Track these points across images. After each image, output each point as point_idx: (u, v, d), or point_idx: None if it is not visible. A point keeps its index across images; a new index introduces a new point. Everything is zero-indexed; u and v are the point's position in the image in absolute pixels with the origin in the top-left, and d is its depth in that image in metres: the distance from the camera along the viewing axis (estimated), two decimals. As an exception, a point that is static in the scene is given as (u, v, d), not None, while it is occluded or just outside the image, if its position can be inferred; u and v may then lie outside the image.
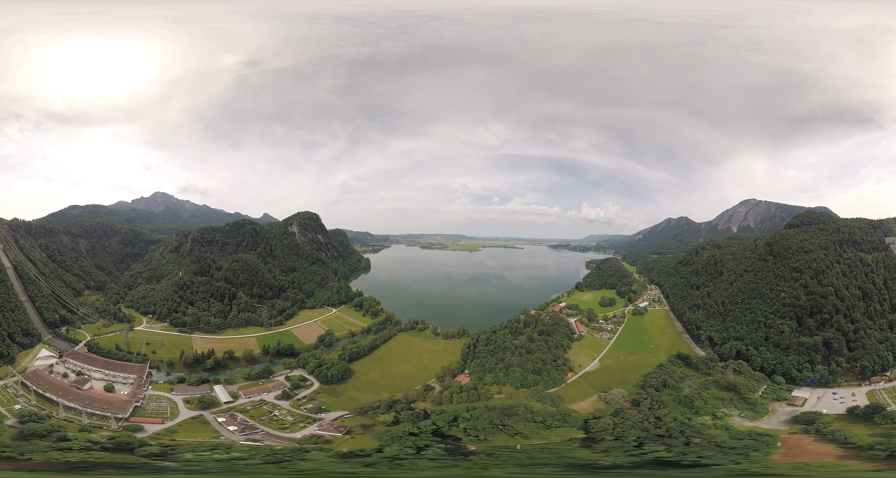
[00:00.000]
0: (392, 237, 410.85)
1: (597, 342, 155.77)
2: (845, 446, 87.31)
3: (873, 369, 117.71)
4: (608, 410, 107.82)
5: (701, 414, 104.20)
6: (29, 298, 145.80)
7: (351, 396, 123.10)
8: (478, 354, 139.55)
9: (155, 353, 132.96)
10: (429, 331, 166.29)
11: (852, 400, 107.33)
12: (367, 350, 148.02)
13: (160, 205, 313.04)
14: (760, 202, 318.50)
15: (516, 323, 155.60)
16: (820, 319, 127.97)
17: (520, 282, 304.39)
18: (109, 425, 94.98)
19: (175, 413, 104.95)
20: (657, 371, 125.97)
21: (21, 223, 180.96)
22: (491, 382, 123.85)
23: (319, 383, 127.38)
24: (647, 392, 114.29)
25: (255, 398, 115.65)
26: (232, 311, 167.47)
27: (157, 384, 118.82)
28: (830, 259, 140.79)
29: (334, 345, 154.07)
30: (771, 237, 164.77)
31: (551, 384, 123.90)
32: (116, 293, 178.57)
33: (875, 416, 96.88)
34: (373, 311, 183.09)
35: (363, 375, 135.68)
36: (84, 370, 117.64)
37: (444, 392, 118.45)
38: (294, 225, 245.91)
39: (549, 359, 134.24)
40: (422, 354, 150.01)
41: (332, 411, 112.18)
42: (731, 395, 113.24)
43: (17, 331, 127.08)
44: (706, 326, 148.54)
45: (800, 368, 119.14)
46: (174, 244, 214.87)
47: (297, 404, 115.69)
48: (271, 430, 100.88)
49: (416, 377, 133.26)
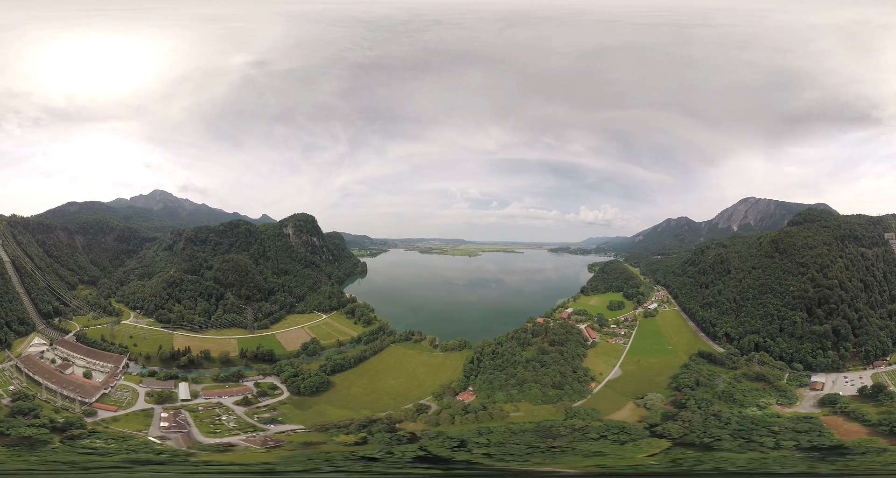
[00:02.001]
0: (391, 241, 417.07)
1: (613, 348, 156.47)
2: (865, 424, 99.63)
3: (875, 354, 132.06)
4: (653, 416, 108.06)
5: (746, 406, 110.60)
6: (25, 291, 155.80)
7: (320, 410, 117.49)
8: (483, 370, 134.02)
9: (136, 346, 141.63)
10: (426, 342, 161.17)
11: (860, 382, 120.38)
12: (353, 362, 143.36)
13: (159, 203, 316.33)
14: (760, 200, 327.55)
15: (523, 333, 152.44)
16: (828, 308, 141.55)
17: (522, 287, 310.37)
18: (75, 407, 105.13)
19: (132, 403, 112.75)
20: (684, 371, 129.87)
21: (19, 219, 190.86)
22: (503, 400, 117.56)
23: (290, 394, 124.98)
24: (683, 393, 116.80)
25: (213, 400, 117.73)
26: (217, 311, 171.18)
27: (130, 375, 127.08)
28: (833, 254, 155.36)
29: (318, 354, 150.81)
30: (775, 235, 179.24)
31: (576, 397, 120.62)
32: (108, 288, 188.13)
33: (879, 395, 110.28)
34: (365, 319, 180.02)
35: (344, 389, 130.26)
36: (69, 357, 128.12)
37: (443, 412, 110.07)
38: (289, 227, 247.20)
39: (568, 371, 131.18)
40: (416, 369, 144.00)
41: (288, 423, 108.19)
42: (762, 385, 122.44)
43: (14, 320, 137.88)
44: (721, 323, 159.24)
45: (814, 354, 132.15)
46: (168, 242, 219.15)
47: (253, 411, 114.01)
48: (198, 432, 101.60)
49: (407, 394, 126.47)
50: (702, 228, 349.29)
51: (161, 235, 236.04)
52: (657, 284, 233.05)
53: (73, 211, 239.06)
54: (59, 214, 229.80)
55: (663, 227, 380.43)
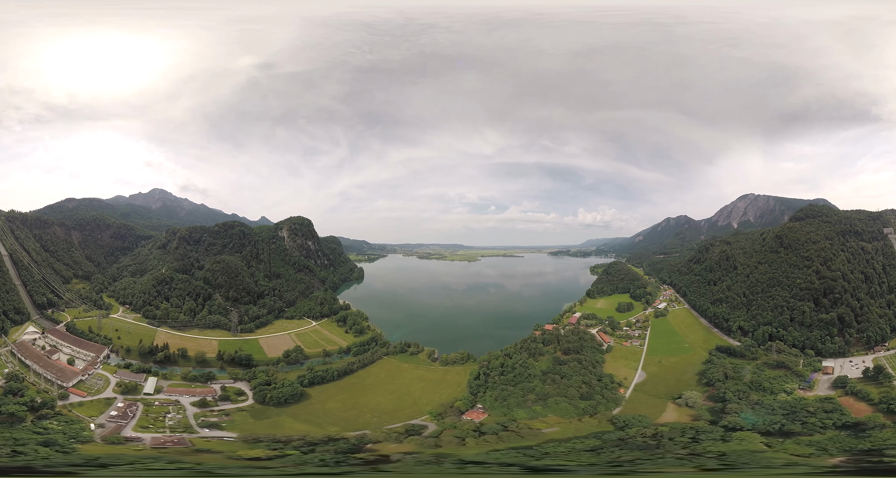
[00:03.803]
0: (389, 246, 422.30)
1: (630, 351, 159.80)
2: (870, 403, 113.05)
3: (875, 340, 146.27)
4: (703, 413, 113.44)
5: (775, 392, 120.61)
6: (22, 283, 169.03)
7: (277, 422, 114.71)
8: (492, 385, 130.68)
9: (119, 339, 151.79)
10: (423, 355, 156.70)
11: (863, 365, 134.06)
12: (336, 375, 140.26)
13: (157, 201, 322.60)
14: (759, 196, 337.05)
15: (533, 342, 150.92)
16: (832, 298, 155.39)
17: (524, 291, 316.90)
18: (53, 390, 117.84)
19: (101, 391, 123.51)
20: (710, 366, 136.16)
21: (17, 215, 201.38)
22: (526, 417, 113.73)
23: (254, 401, 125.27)
24: (716, 387, 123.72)
25: (173, 398, 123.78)
26: (203, 311, 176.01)
27: (108, 365, 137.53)
28: (835, 248, 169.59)
29: (301, 363, 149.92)
30: (779, 230, 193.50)
31: (611, 405, 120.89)
32: (101, 283, 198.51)
33: (879, 376, 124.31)
34: (357, 328, 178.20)
35: (319, 403, 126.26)
36: (57, 345, 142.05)
37: (446, 434, 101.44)
38: (284, 229, 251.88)
39: (593, 379, 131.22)
40: (411, 385, 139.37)
41: (228, 430, 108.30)
42: (783, 372, 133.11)
43: (11, 309, 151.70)
44: (734, 317, 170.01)
45: (823, 341, 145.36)
46: (163, 241, 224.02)
47: (204, 413, 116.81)
48: (134, 424, 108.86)
49: (397, 413, 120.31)
50: (702, 226, 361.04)
51: (157, 233, 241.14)
52: (663, 284, 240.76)
53: (71, 207, 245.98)
54: (57, 210, 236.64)
55: (663, 226, 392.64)
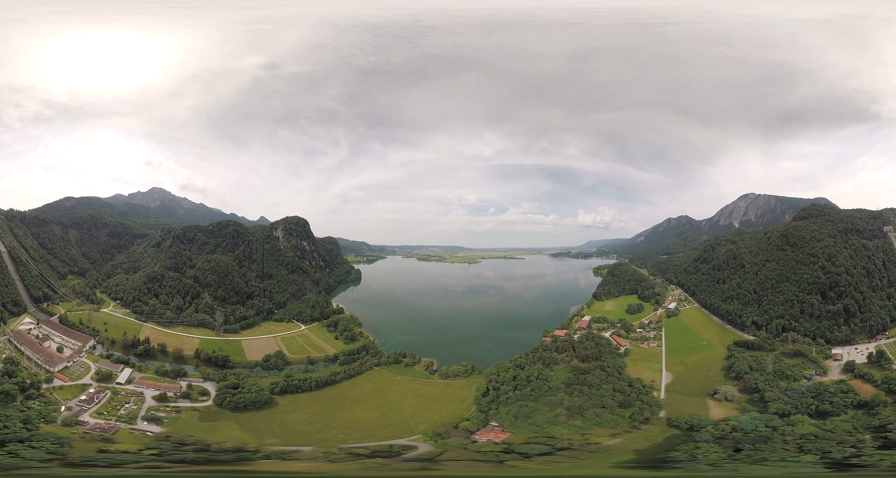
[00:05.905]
0: (389, 248, 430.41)
1: (649, 353, 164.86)
2: (874, 385, 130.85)
3: (877, 329, 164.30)
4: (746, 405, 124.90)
5: (797, 379, 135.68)
6: (20, 278, 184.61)
7: (217, 427, 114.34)
8: (505, 401, 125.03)
9: (107, 331, 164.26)
10: (420, 367, 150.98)
11: (867, 351, 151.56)
12: (314, 385, 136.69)
13: (156, 200, 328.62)
14: (760, 196, 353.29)
15: (545, 351, 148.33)
16: (838, 291, 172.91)
17: (527, 294, 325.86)
18: (41, 373, 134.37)
19: (80, 377, 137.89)
20: (733, 361, 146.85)
21: (16, 213, 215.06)
22: (567, 433, 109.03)
23: (213, 403, 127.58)
24: (745, 380, 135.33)
25: (139, 389, 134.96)
26: (189, 309, 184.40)
27: (92, 355, 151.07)
28: (838, 246, 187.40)
29: (280, 369, 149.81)
30: (784, 229, 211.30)
31: (655, 409, 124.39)
32: (95, 279, 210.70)
33: (881, 360, 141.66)
34: (348, 334, 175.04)
35: (284, 414, 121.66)
36: (50, 334, 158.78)
37: (448, 455, 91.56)
38: (279, 229, 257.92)
39: (624, 385, 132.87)
40: (402, 400, 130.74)
41: (166, 428, 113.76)
42: (800, 360, 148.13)
43: (9, 301, 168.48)
44: (747, 313, 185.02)
45: (831, 330, 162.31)
46: (157, 239, 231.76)
47: (159, 408, 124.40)
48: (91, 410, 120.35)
49: (375, 432, 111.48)
50: (703, 226, 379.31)
51: (154, 232, 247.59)
52: (671, 284, 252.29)
53: (70, 206, 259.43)
54: (55, 209, 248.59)
55: (664, 227, 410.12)
